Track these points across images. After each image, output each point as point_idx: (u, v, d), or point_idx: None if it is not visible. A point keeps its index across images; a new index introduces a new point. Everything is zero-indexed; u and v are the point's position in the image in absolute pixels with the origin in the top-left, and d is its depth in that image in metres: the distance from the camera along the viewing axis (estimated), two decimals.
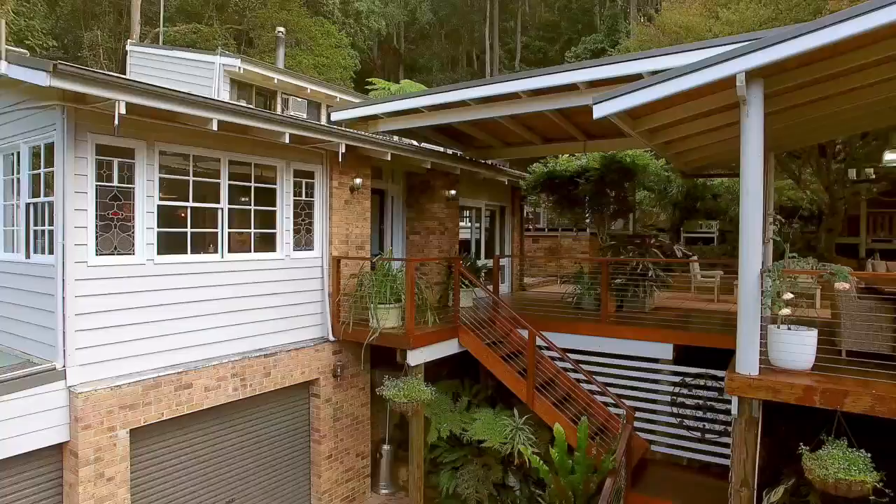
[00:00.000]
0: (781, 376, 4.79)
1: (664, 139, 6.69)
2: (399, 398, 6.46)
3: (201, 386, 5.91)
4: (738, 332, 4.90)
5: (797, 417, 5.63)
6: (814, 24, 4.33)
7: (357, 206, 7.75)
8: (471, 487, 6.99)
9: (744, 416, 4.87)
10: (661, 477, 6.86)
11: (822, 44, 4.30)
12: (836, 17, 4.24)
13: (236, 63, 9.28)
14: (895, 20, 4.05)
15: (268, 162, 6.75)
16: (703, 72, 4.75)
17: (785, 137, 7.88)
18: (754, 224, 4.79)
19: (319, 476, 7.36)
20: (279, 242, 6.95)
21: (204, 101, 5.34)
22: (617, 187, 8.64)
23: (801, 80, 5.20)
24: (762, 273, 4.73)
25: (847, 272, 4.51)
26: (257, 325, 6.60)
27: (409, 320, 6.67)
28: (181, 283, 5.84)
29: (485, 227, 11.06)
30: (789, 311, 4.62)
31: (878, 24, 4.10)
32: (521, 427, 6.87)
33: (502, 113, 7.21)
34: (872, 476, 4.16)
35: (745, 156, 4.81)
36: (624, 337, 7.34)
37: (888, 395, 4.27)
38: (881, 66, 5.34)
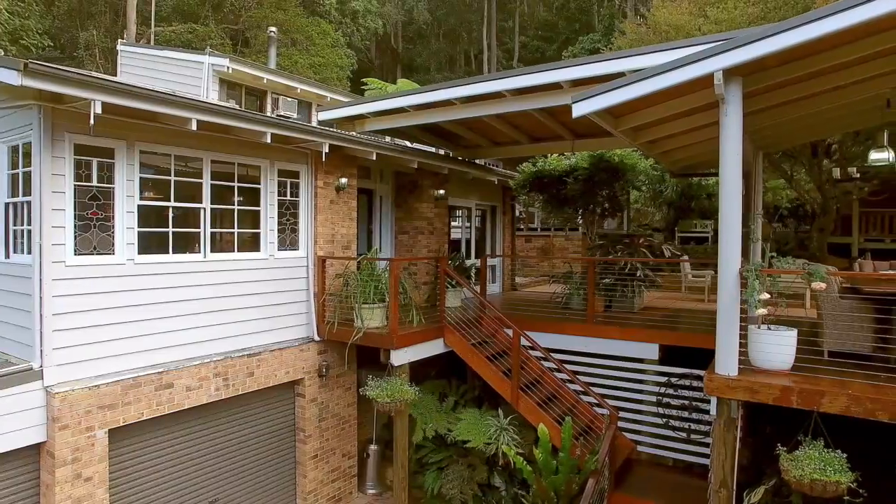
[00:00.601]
0: (760, 377, 4.77)
1: (648, 138, 6.67)
2: (382, 398, 6.44)
3: (182, 386, 5.91)
4: (718, 332, 4.88)
5: (782, 417, 5.60)
6: (789, 21, 4.30)
7: (343, 206, 7.74)
8: (455, 488, 6.97)
9: (722, 416, 4.84)
10: (646, 477, 6.84)
11: (799, 42, 4.27)
12: (812, 16, 4.21)
13: (225, 63, 9.27)
14: (871, 18, 4.03)
15: (251, 162, 6.74)
16: (680, 70, 4.73)
17: (773, 136, 7.85)
18: (733, 224, 4.76)
19: (305, 476, 7.35)
20: (263, 242, 6.94)
21: (182, 100, 5.33)
22: (606, 187, 8.61)
23: (781, 78, 5.18)
24: (741, 273, 4.70)
25: (823, 272, 4.48)
26: (240, 324, 6.59)
27: (392, 320, 6.66)
28: (162, 282, 5.83)
29: (475, 227, 11.05)
30: (766, 311, 4.59)
31: (854, 22, 4.07)
32: (505, 427, 6.85)
33: (487, 112, 7.19)
34: (847, 476, 4.14)
35: (723, 155, 4.78)
36: (610, 337, 7.31)
37: (863, 396, 4.25)
38: (864, 65, 5.32)
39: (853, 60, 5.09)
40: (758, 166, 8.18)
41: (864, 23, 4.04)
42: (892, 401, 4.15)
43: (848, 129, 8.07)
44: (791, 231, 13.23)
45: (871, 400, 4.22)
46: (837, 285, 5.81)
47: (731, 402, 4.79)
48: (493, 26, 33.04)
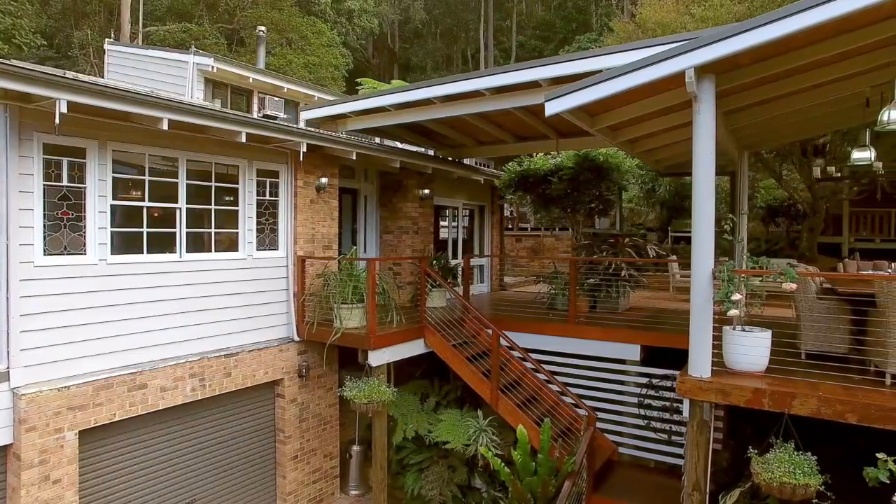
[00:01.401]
0: (733, 378, 4.71)
1: (627, 137, 6.62)
2: (359, 399, 6.40)
3: (157, 386, 5.88)
4: (691, 333, 4.83)
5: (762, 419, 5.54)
6: (759, 19, 4.25)
7: (324, 206, 7.70)
8: (434, 489, 6.93)
9: (695, 418, 4.79)
10: (627, 479, 6.79)
11: (768, 39, 4.21)
12: (781, 13, 4.15)
13: (209, 62, 9.23)
14: (839, 15, 3.98)
15: (229, 161, 6.71)
16: (651, 68, 4.67)
17: (757, 135, 7.78)
18: (706, 224, 4.71)
19: (285, 477, 7.32)
20: (241, 242, 6.91)
21: (153, 99, 5.29)
22: (591, 186, 8.55)
23: (757, 76, 5.12)
24: (714, 273, 4.65)
25: (794, 273, 4.42)
26: (218, 325, 6.55)
27: (370, 320, 6.62)
28: (136, 283, 5.80)
29: (462, 227, 11.00)
30: (738, 312, 4.54)
31: (822, 20, 4.01)
32: (484, 428, 6.81)
33: (467, 111, 7.14)
34: (816, 479, 4.09)
35: (696, 154, 4.73)
36: (591, 337, 7.26)
37: (833, 398, 4.20)
38: (840, 63, 5.27)
39: (828, 58, 5.04)
40: (743, 165, 8.11)
41: (832, 20, 3.99)
42: (861, 402, 4.10)
43: (831, 129, 8.01)
44: (783, 231, 13.15)
45: (841, 402, 4.17)
46: (817, 286, 5.76)
47: (704, 405, 4.74)
48: (490, 25, 32.96)
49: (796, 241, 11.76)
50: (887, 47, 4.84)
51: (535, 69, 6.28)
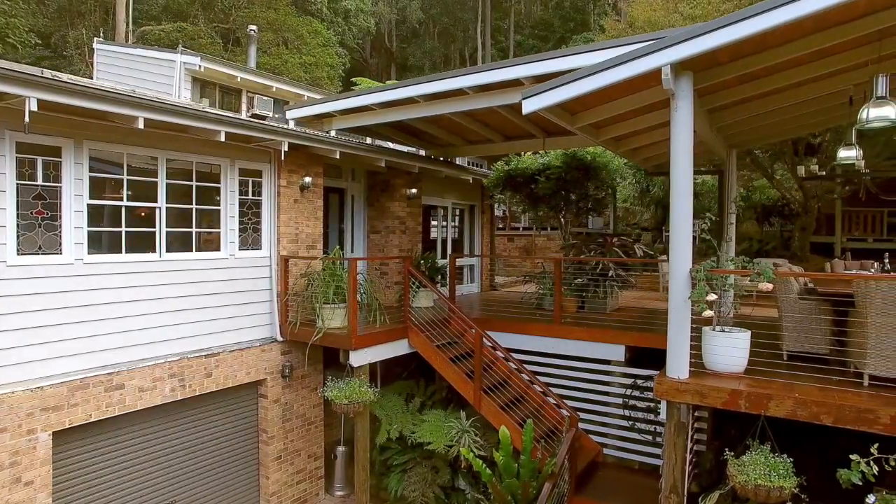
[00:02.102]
0: (712, 380, 4.66)
1: (610, 135, 6.57)
2: (340, 399, 6.36)
3: (135, 386, 5.84)
4: (668, 334, 4.78)
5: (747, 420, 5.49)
6: (733, 16, 4.19)
7: (308, 205, 7.66)
8: (417, 490, 6.89)
9: (672, 420, 4.74)
10: (610, 480, 6.73)
11: (743, 36, 4.16)
12: (756, 9, 4.09)
13: (196, 61, 9.19)
14: (813, 11, 3.92)
15: (210, 161, 6.67)
16: (629, 64, 4.62)
17: (745, 134, 7.72)
18: (684, 223, 4.66)
19: (268, 477, 7.28)
20: (223, 242, 6.86)
21: (128, 98, 5.24)
22: (578, 185, 8.49)
23: (737, 73, 5.06)
24: (690, 273, 4.60)
25: (771, 272, 4.37)
26: (199, 325, 6.51)
27: (351, 320, 6.58)
28: (114, 282, 5.76)
29: (451, 226, 10.95)
30: (713, 312, 4.48)
31: (795, 16, 3.95)
32: (467, 429, 6.76)
33: (451, 109, 7.10)
34: (790, 482, 4.04)
35: (674, 152, 4.67)
36: (576, 338, 7.21)
37: (808, 399, 4.15)
38: (821, 60, 5.21)
39: (807, 56, 4.98)
40: (731, 164, 8.05)
41: (804, 17, 3.93)
42: (836, 404, 4.04)
43: (819, 128, 7.94)
44: (777, 230, 13.07)
45: (816, 403, 4.11)
46: (801, 286, 5.70)
47: (681, 406, 4.69)
48: (487, 25, 32.89)
49: (789, 241, 11.69)
50: (865, 45, 4.78)
51: (516, 67, 6.23)
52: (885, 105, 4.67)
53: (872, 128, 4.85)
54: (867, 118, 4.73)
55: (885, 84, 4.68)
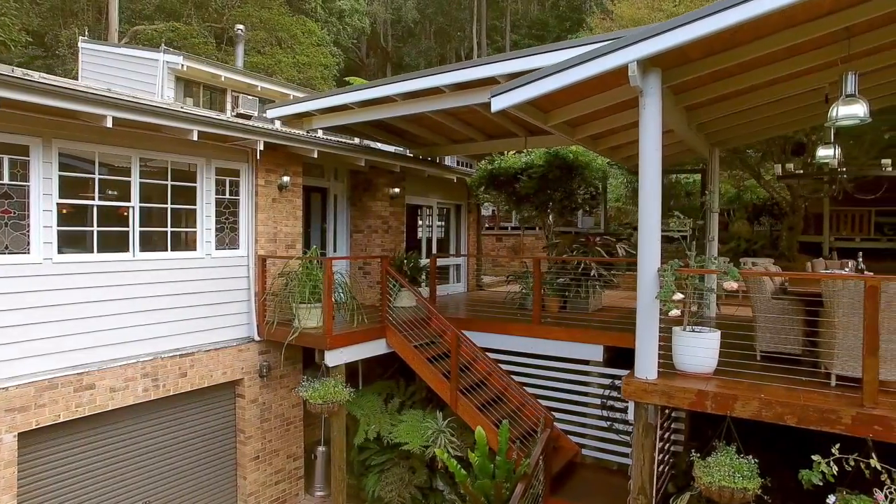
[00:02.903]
0: (680, 380, 4.61)
1: (586, 134, 6.52)
2: (314, 399, 6.33)
3: (106, 386, 5.81)
4: (637, 334, 4.73)
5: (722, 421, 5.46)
6: (698, 12, 4.14)
7: (286, 205, 7.62)
8: (393, 491, 6.85)
9: (640, 421, 4.70)
10: (587, 481, 6.69)
11: (710, 31, 4.10)
12: (720, 6, 4.05)
13: (179, 60, 9.16)
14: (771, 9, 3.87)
15: (186, 160, 6.63)
16: (595, 62, 4.57)
17: (725, 132, 7.67)
18: (652, 222, 4.61)
19: (245, 478, 7.24)
20: (199, 241, 6.83)
21: (96, 97, 5.20)
22: (561, 184, 8.44)
23: (710, 70, 5.00)
24: (658, 272, 4.55)
25: (737, 272, 4.32)
26: (173, 324, 6.47)
27: (326, 320, 6.54)
28: (85, 282, 5.72)
29: (437, 226, 10.91)
30: (679, 312, 4.44)
31: (762, 11, 3.90)
32: (443, 430, 6.72)
33: (429, 108, 7.06)
34: (754, 483, 4.00)
35: (642, 150, 4.63)
36: (555, 338, 7.16)
37: (773, 400, 4.10)
38: (794, 58, 5.15)
39: (780, 53, 4.93)
40: (713, 163, 7.99)
41: (767, 13, 3.87)
42: (800, 404, 4.00)
43: (799, 126, 7.88)
44: (767, 230, 13.02)
45: (781, 404, 4.07)
46: (776, 286, 5.65)
47: (649, 407, 4.64)
48: (483, 24, 32.84)
49: (777, 241, 11.64)
50: (835, 43, 4.72)
51: (490, 65, 6.19)
52: (854, 103, 4.62)
53: (843, 126, 4.79)
54: (837, 116, 4.69)
55: (854, 82, 4.63)
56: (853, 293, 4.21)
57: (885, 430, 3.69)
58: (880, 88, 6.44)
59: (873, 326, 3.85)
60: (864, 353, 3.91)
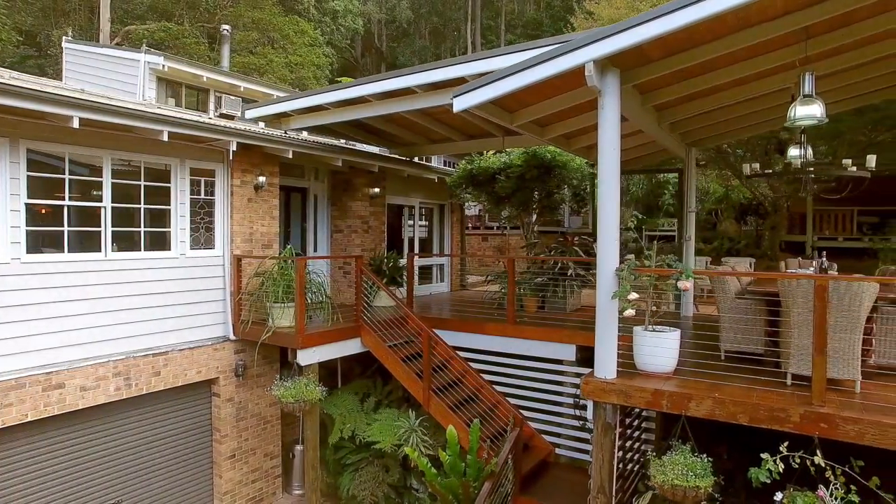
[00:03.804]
0: (639, 380, 4.64)
1: (557, 133, 6.55)
2: (287, 398, 6.36)
3: (76, 386, 5.84)
4: (596, 334, 4.76)
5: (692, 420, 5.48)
6: (650, 13, 4.16)
7: (263, 205, 7.65)
8: (366, 489, 6.88)
9: (599, 420, 4.72)
10: (559, 480, 6.71)
11: (662, 32, 4.11)
12: (671, 7, 4.06)
13: (159, 61, 9.19)
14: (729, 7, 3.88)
15: (159, 160, 6.66)
16: (552, 62, 4.59)
17: (700, 132, 7.68)
18: (610, 222, 4.63)
19: (221, 476, 7.28)
20: (174, 241, 6.86)
21: (62, 98, 5.23)
22: (538, 184, 8.46)
23: (673, 69, 5.01)
24: (615, 272, 4.57)
25: (691, 271, 4.34)
26: (147, 323, 6.50)
27: (298, 319, 6.57)
28: (56, 282, 5.75)
29: (419, 225, 10.93)
30: (633, 311, 4.46)
31: (710, 13, 3.92)
32: (415, 428, 6.75)
33: (403, 108, 7.08)
34: (706, 482, 4.02)
35: (601, 150, 4.65)
36: (529, 338, 7.17)
37: (727, 399, 4.12)
38: (756, 59, 5.17)
39: (742, 53, 4.95)
40: (690, 163, 8.01)
41: (720, 13, 3.88)
42: (751, 403, 4.02)
43: (772, 126, 7.89)
44: (753, 229, 13.04)
45: (734, 403, 4.09)
46: (742, 286, 5.67)
47: (607, 406, 4.66)
48: (477, 24, 32.84)
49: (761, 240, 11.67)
50: (796, 44, 4.74)
51: (461, 65, 6.21)
52: (811, 103, 4.64)
53: (801, 125, 4.81)
54: (795, 116, 4.71)
55: (812, 82, 4.65)
56: (806, 293, 4.23)
57: (831, 427, 3.72)
58: (851, 88, 6.46)
59: (822, 325, 3.88)
60: (814, 351, 3.93)
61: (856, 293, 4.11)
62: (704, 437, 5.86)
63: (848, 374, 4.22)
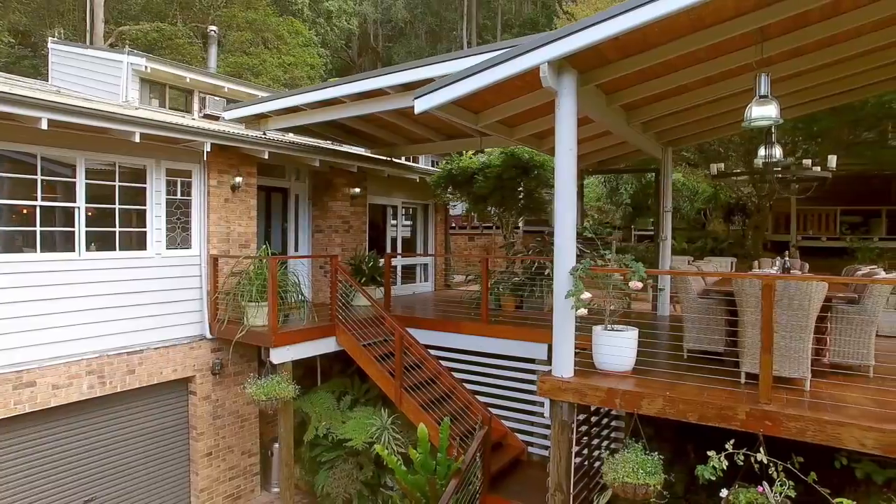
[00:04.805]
0: (596, 379, 4.68)
1: (526, 133, 6.59)
2: (259, 396, 6.42)
3: (48, 384, 5.91)
4: (554, 333, 4.80)
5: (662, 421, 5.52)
6: (601, 15, 4.19)
7: (240, 205, 7.71)
8: (340, 486, 6.93)
9: (556, 419, 4.76)
10: (530, 478, 6.75)
11: (615, 33, 4.14)
12: (622, 8, 4.10)
13: (142, 62, 9.26)
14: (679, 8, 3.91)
15: (134, 161, 6.72)
16: (509, 63, 4.63)
17: (674, 132, 7.70)
18: (567, 222, 4.68)
19: (197, 473, 7.35)
20: (150, 241, 6.93)
21: (29, 100, 5.29)
22: (516, 183, 8.50)
23: (633, 70, 5.05)
24: (571, 272, 4.61)
25: (643, 271, 4.38)
26: (121, 322, 6.57)
27: (271, 318, 6.63)
28: (27, 281, 5.82)
29: (402, 225, 10.99)
30: (586, 311, 4.50)
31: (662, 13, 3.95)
32: (387, 426, 6.80)
33: (377, 109, 7.13)
34: (655, 479, 4.06)
35: (558, 151, 4.69)
36: (502, 336, 7.22)
37: (677, 398, 4.16)
38: (717, 59, 5.20)
39: (702, 53, 4.98)
40: (666, 163, 8.04)
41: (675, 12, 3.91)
42: (700, 402, 4.06)
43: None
44: (739, 229, 13.06)
45: (684, 402, 4.13)
46: (707, 285, 5.70)
47: (563, 405, 4.70)
48: (473, 24, 32.86)
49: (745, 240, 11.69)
50: (753, 46, 4.76)
51: (431, 66, 6.25)
52: (767, 104, 4.67)
53: (757, 126, 4.84)
54: (751, 117, 4.74)
55: (767, 83, 4.68)
56: (758, 293, 4.25)
57: (774, 425, 3.75)
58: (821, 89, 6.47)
59: (769, 324, 3.91)
60: (761, 349, 3.96)
61: (805, 293, 4.14)
62: (674, 436, 5.92)
63: (799, 372, 4.26)
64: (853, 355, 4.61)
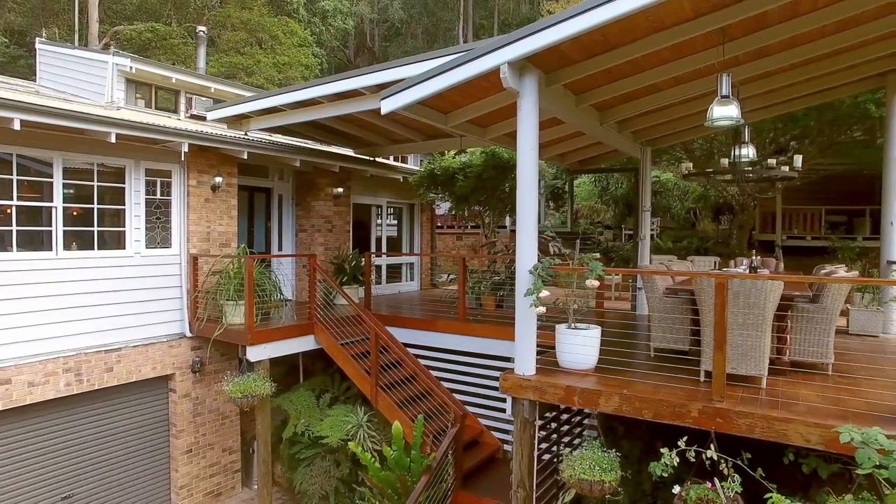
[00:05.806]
0: (559, 377, 4.72)
1: (500, 133, 6.63)
2: (235, 393, 6.48)
3: (23, 381, 5.98)
4: (516, 331, 4.85)
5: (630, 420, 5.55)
6: (560, 15, 4.23)
7: (220, 205, 7.77)
8: (316, 483, 6.99)
9: (518, 417, 4.80)
10: (504, 476, 6.75)
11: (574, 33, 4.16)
12: (580, 8, 4.13)
13: (127, 62, 9.33)
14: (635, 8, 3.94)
15: (113, 161, 6.79)
16: (470, 64, 4.67)
17: (651, 132, 7.74)
18: (528, 221, 4.73)
19: (177, 470, 7.42)
20: (128, 240, 7.00)
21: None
22: (496, 183, 8.54)
23: (597, 69, 5.08)
24: (530, 270, 4.65)
25: (601, 269, 4.42)
26: (99, 321, 6.64)
27: (248, 317, 6.69)
28: (2, 280, 5.88)
29: (387, 225, 11.04)
30: (545, 309, 4.54)
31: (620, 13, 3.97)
32: (363, 424, 6.86)
33: (354, 109, 7.17)
34: (611, 476, 4.10)
35: (520, 150, 4.74)
36: (478, 335, 7.28)
37: (633, 396, 4.20)
38: (682, 60, 5.22)
39: (666, 54, 5.01)
40: (645, 162, 8.07)
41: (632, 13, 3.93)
42: (657, 399, 4.10)
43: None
44: (727, 228, 13.07)
45: (639, 399, 4.17)
46: (675, 284, 5.73)
47: (525, 402, 4.74)
48: (469, 24, 32.87)
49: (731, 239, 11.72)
50: (716, 46, 4.79)
51: (405, 67, 6.30)
52: (728, 104, 4.70)
53: (720, 126, 4.87)
54: (713, 116, 4.77)
55: (728, 83, 4.71)
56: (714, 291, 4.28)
57: (725, 422, 3.79)
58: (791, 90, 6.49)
59: (722, 322, 3.95)
60: (714, 347, 4.00)
61: (761, 291, 4.17)
62: (646, 434, 5.95)
63: (756, 370, 4.29)
64: (812, 353, 4.64)
